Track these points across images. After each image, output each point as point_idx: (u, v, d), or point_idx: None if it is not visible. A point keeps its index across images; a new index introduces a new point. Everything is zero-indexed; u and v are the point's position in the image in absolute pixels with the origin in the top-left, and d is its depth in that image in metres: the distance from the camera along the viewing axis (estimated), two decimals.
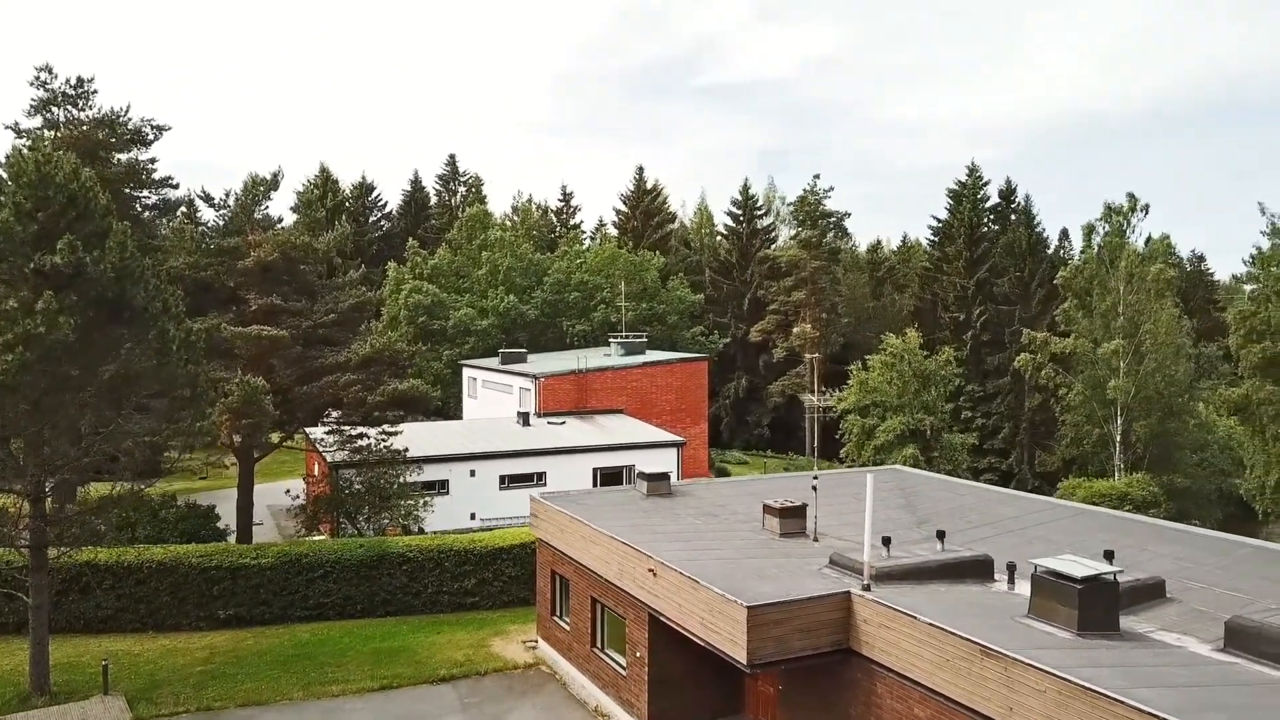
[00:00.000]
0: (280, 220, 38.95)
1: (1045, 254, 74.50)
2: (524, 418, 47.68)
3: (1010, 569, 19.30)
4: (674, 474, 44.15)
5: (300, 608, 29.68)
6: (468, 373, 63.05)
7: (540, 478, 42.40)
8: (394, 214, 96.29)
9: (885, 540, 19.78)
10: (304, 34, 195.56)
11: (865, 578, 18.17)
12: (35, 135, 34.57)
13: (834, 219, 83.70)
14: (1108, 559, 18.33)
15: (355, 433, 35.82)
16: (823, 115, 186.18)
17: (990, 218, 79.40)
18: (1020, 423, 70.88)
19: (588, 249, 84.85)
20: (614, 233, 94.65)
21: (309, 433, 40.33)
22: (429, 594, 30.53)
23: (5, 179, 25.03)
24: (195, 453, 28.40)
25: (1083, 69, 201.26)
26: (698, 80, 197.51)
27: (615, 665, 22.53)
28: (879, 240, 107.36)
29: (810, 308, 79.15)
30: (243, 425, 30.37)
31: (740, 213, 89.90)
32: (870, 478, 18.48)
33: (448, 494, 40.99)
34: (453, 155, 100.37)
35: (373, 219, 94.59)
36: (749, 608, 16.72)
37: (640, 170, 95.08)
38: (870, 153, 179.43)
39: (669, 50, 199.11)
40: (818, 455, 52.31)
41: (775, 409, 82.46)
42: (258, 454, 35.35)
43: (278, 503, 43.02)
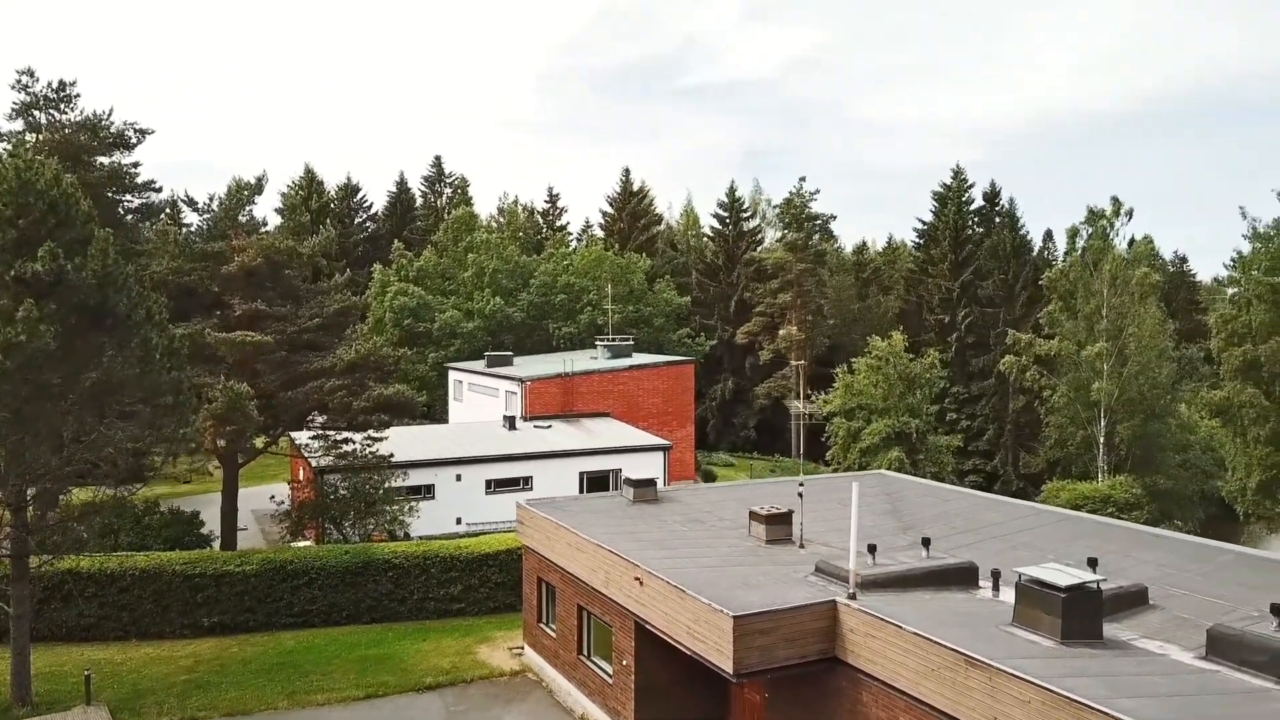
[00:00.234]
0: (265, 222, 38.77)
1: (1029, 257, 74.98)
2: (510, 421, 47.59)
3: (995, 576, 19.41)
4: (660, 478, 44.22)
5: (285, 615, 29.52)
6: (453, 375, 62.89)
7: (526, 482, 42.32)
8: (379, 215, 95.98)
9: (871, 548, 19.84)
10: (289, 34, 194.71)
11: (851, 586, 18.22)
12: (16, 140, 34.27)
13: (820, 221, 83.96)
14: (1091, 566, 18.43)
15: (340, 437, 35.69)
16: (808, 115, 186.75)
17: (975, 220, 79.81)
18: (1005, 424, 71.25)
19: (574, 250, 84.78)
20: (600, 234, 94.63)
21: (294, 437, 40.16)
22: (415, 600, 30.42)
23: None
24: (179, 459, 28.19)
25: (1067, 70, 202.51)
26: (683, 80, 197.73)
27: (602, 673, 22.52)
28: (864, 242, 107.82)
29: (796, 310, 79.33)
30: (227, 431, 30.20)
31: (726, 215, 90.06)
32: (855, 486, 18.53)
33: (434, 499, 40.85)
34: (438, 156, 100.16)
35: (358, 220, 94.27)
36: (735, 617, 16.74)
37: (626, 172, 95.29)
38: (855, 153, 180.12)
39: (654, 50, 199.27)
40: (803, 459, 52.41)
41: (761, 411, 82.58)
42: (242, 459, 35.18)
43: (262, 507, 42.79)
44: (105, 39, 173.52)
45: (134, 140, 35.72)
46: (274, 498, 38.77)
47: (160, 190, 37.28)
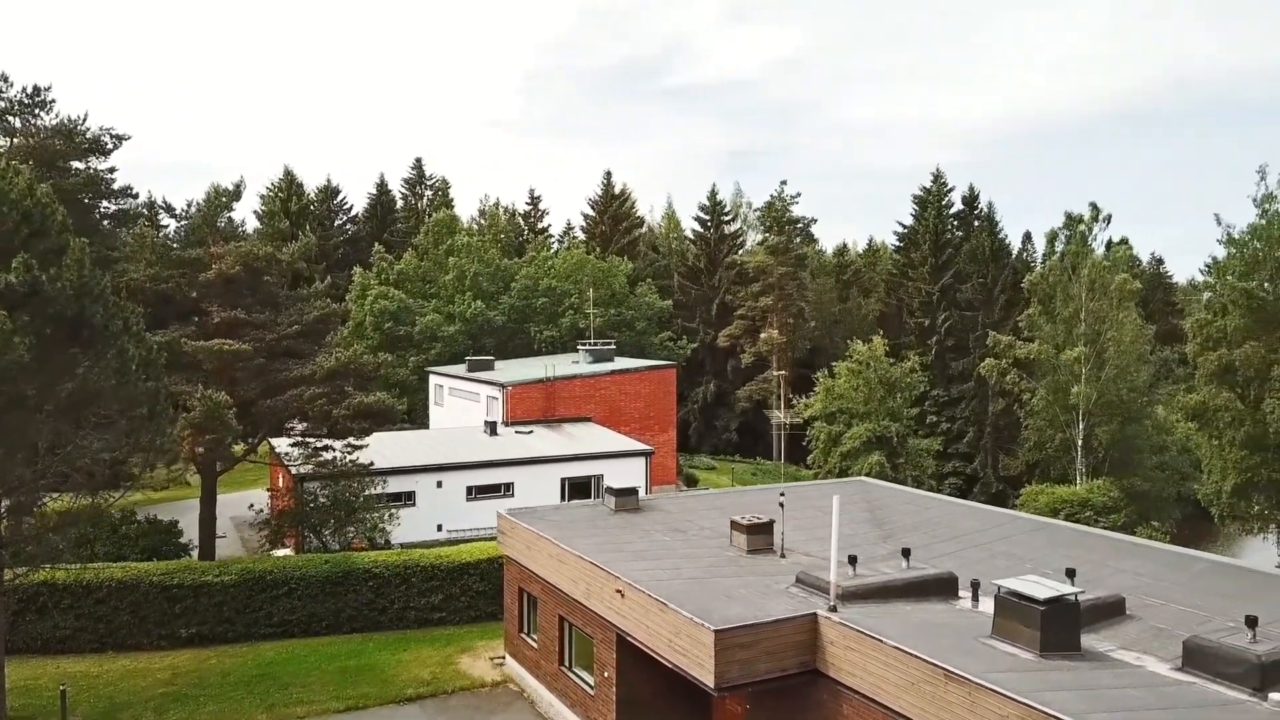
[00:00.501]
0: (243, 224, 38.49)
1: (1008, 260, 75.55)
2: (491, 427, 47.43)
3: (974, 586, 19.52)
4: (643, 483, 44.22)
5: (264, 625, 29.31)
6: (434, 380, 62.64)
7: (508, 489, 42.19)
8: (360, 217, 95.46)
9: (851, 559, 19.90)
10: (270, 34, 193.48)
11: (831, 598, 18.28)
12: None
13: (801, 225, 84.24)
14: (1069, 577, 18.56)
15: (321, 445, 35.45)
16: (790, 116, 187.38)
17: (954, 224, 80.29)
18: (984, 427, 71.75)
19: (555, 252, 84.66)
20: (582, 237, 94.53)
21: (273, 444, 39.85)
22: (395, 610, 30.27)
23: None
24: (156, 470, 27.91)
25: (1047, 71, 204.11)
26: (666, 81, 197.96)
27: (583, 684, 22.48)
28: (845, 244, 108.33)
29: (777, 313, 79.57)
30: (205, 440, 29.93)
31: (708, 218, 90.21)
32: (836, 500, 18.58)
33: (414, 505, 40.66)
34: (419, 159, 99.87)
35: (338, 223, 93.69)
36: (716, 631, 16.76)
37: (608, 175, 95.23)
38: (837, 153, 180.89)
39: (637, 50, 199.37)
40: (784, 462, 52.58)
41: (743, 414, 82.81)
42: (221, 467, 34.86)
43: (241, 514, 42.47)
44: (82, 42, 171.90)
45: (110, 146, 35.37)
46: (253, 506, 38.47)
47: (137, 196, 37.01)
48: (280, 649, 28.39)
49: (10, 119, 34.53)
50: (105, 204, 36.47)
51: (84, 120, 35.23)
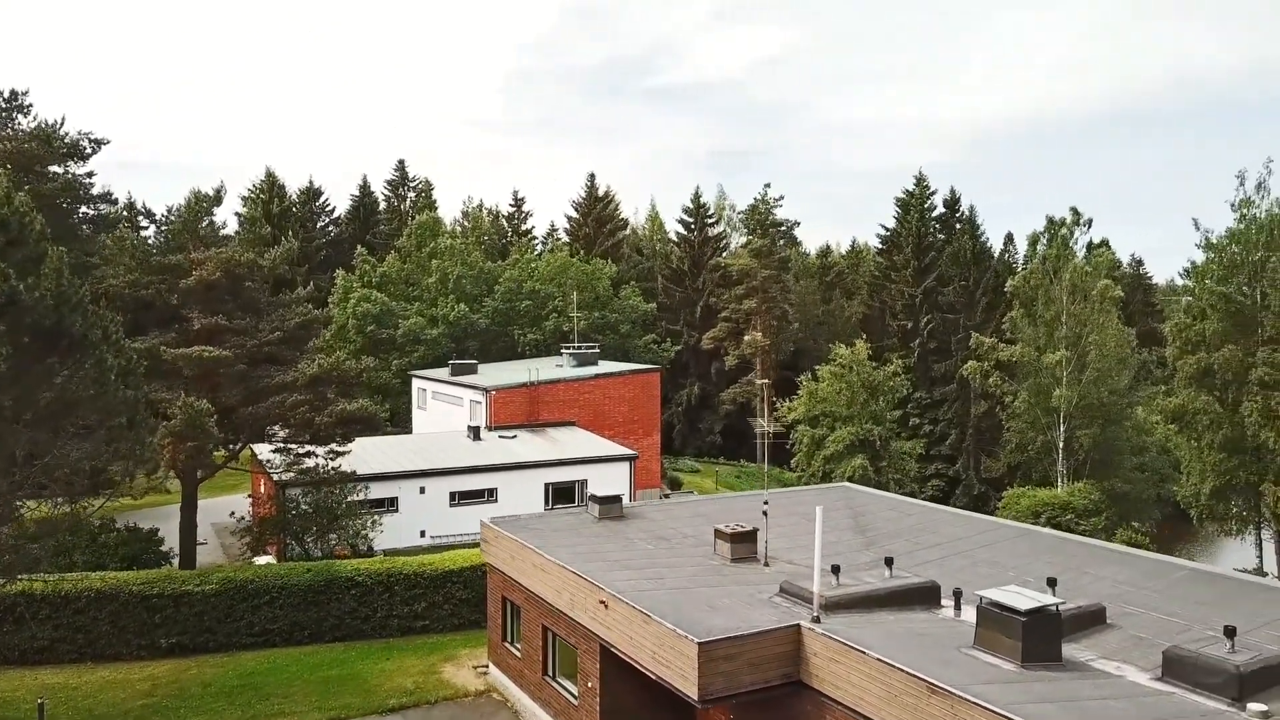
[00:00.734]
0: (224, 225, 38.17)
1: (989, 263, 75.91)
2: (474, 432, 47.28)
3: (956, 595, 19.61)
4: (627, 488, 44.20)
5: (246, 635, 29.08)
6: (417, 383, 62.40)
7: (491, 494, 42.10)
8: (342, 219, 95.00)
9: (835, 569, 19.95)
10: (253, 35, 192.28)
11: (815, 608, 18.32)
12: None
13: (784, 228, 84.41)
14: (1051, 587, 18.69)
15: (303, 451, 35.26)
16: (773, 117, 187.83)
17: (936, 227, 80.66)
18: (966, 429, 72.11)
19: (539, 254, 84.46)
20: (566, 239, 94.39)
21: (255, 450, 39.58)
22: (378, 618, 30.11)
23: None
24: (136, 479, 27.69)
25: (1030, 72, 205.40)
26: (651, 81, 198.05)
27: (567, 694, 22.45)
28: (828, 245, 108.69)
29: (761, 315, 79.71)
30: (186, 448, 29.70)
31: (692, 221, 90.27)
32: (819, 511, 18.63)
33: (397, 512, 40.51)
34: (402, 160, 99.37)
35: (320, 224, 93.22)
36: (700, 644, 16.76)
37: (592, 177, 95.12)
38: (820, 153, 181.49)
39: (621, 51, 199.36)
40: (768, 466, 52.59)
41: (727, 416, 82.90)
42: (201, 474, 34.63)
43: (222, 520, 42.14)
44: (61, 44, 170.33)
45: (88, 150, 35.02)
46: (234, 514, 38.19)
47: (116, 202, 36.65)
48: (262, 659, 28.19)
49: None
50: (84, 209, 36.14)
51: (61, 124, 34.96)
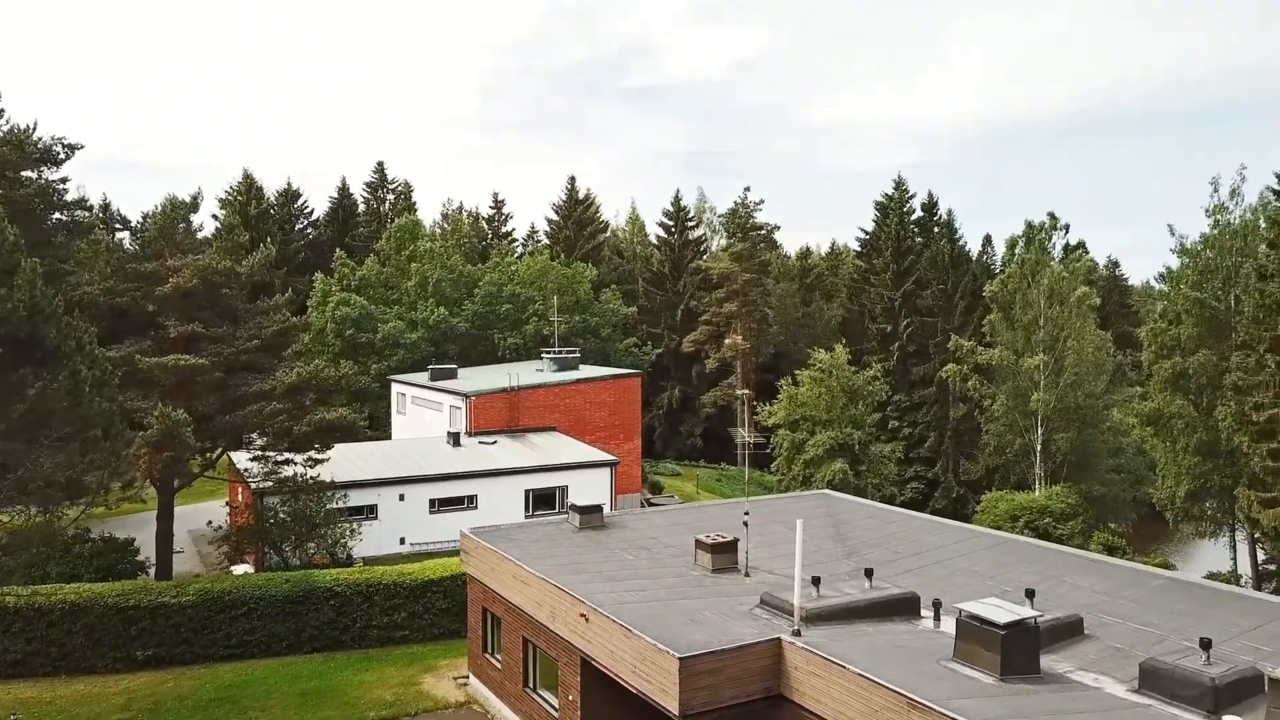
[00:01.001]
0: (201, 228, 37.79)
1: (967, 267, 76.32)
2: (454, 438, 47.06)
3: (936, 606, 19.73)
4: (608, 494, 44.15)
5: (223, 646, 28.82)
6: (396, 388, 62.05)
7: (471, 501, 41.94)
8: (321, 221, 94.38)
9: (815, 580, 20.02)
10: (230, 35, 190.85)
11: (796, 621, 18.36)
12: None
13: (764, 231, 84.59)
14: (1029, 598, 18.82)
15: (281, 459, 34.97)
16: (752, 117, 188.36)
17: (915, 230, 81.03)
18: (945, 432, 72.45)
19: (519, 257, 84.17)
20: (546, 242, 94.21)
21: (232, 458, 39.23)
22: (357, 629, 29.92)
23: None
24: (111, 491, 27.35)
25: (1011, 74, 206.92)
26: (629, 81, 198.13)
27: (548, 706, 22.38)
28: (808, 247, 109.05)
29: (742, 319, 79.82)
30: (162, 459, 29.38)
31: (672, 224, 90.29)
32: (800, 524, 18.67)
33: (377, 519, 40.26)
34: (381, 162, 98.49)
35: (299, 227, 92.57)
36: (681, 659, 16.75)
37: (572, 180, 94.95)
38: (798, 155, 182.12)
39: (600, 51, 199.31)
40: (749, 469, 52.69)
41: (708, 419, 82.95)
42: (178, 483, 34.27)
43: (199, 528, 41.79)
44: (37, 45, 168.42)
45: (62, 156, 34.60)
46: (211, 523, 37.87)
47: (91, 209, 36.21)
48: (239, 671, 27.94)
49: None
50: (57, 215, 35.70)
51: (34, 129, 34.50)
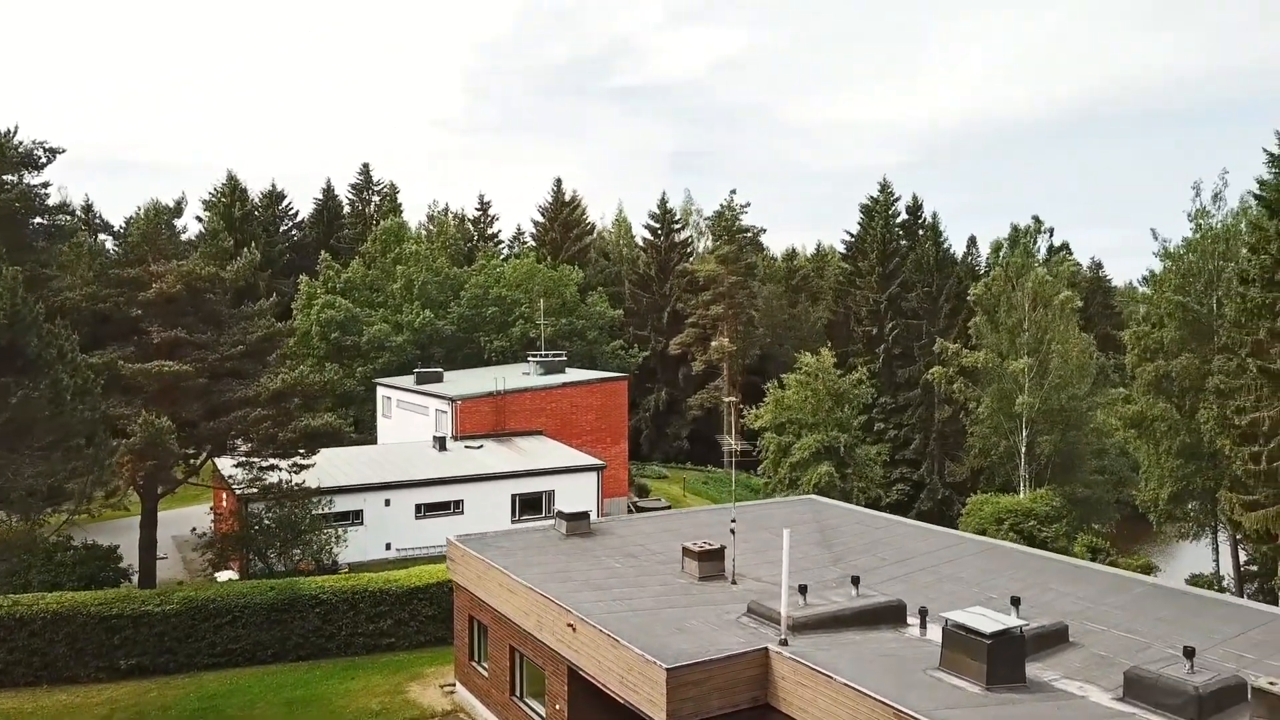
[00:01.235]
0: (184, 230, 37.52)
1: (952, 269, 76.65)
2: (440, 442, 46.91)
3: (922, 614, 19.79)
4: (594, 498, 44.11)
5: (207, 655, 28.62)
6: (382, 391, 61.82)
7: (457, 506, 41.80)
8: (305, 223, 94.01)
9: (802, 588, 20.05)
10: (213, 36, 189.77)
11: (783, 630, 18.39)
12: None
13: (750, 234, 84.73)
14: (1015, 606, 18.89)
15: (266, 464, 34.77)
16: (737, 117, 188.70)
17: (900, 233, 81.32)
18: (930, 434, 72.76)
19: (505, 259, 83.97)
20: (533, 244, 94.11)
21: (216, 463, 38.96)
22: (343, 637, 29.76)
23: None
24: (94, 500, 27.15)
25: (991, 74, 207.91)
26: (613, 81, 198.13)
27: (535, 715, 22.34)
28: (793, 249, 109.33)
29: (728, 321, 79.94)
30: (146, 466, 29.16)
31: (658, 226, 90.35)
32: (787, 534, 18.69)
33: (362, 524, 40.11)
34: (366, 164, 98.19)
35: (283, 229, 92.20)
36: (668, 670, 16.74)
37: (559, 182, 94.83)
38: (784, 155, 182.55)
39: (583, 51, 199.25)
40: (735, 470, 52.75)
41: (694, 421, 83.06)
42: (161, 490, 34.03)
43: (183, 533, 41.48)
44: (15, 44, 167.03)
45: (43, 160, 34.26)
46: (195, 529, 37.60)
47: (73, 214, 35.90)
48: (224, 680, 27.77)
49: None
50: (38, 220, 35.36)
51: (15, 133, 34.16)
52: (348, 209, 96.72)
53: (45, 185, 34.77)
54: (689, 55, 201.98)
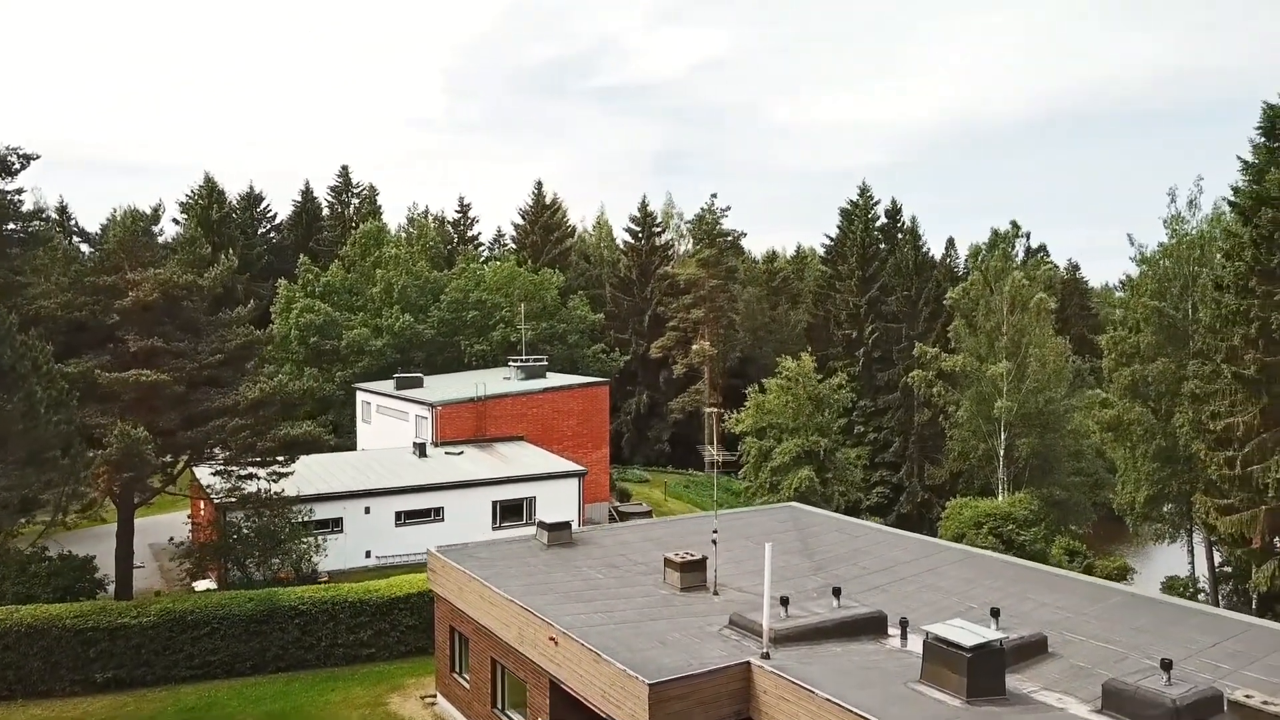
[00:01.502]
0: (161, 232, 37.18)
1: (931, 273, 77.04)
2: (420, 449, 46.69)
3: (903, 625, 19.92)
4: (576, 505, 44.05)
5: (185, 667, 28.33)
6: (362, 396, 61.47)
7: (438, 513, 41.62)
8: (284, 225, 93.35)
9: (784, 600, 20.10)
10: (192, 37, 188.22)
11: (764, 643, 18.43)
12: None
13: (730, 238, 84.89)
14: (994, 617, 19.02)
15: (245, 473, 34.48)
16: (718, 118, 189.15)
17: (879, 236, 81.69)
18: (910, 437, 73.08)
19: (485, 261, 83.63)
20: (512, 246, 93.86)
21: (194, 472, 38.62)
22: (323, 648, 29.55)
23: None
24: (69, 512, 26.87)
25: (974, 75, 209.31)
26: (595, 81, 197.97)
27: None
28: (774, 251, 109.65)
29: (709, 325, 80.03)
30: (122, 478, 28.85)
31: (639, 229, 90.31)
32: (769, 547, 18.74)
33: (342, 532, 39.86)
34: (345, 166, 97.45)
35: (261, 231, 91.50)
36: (651, 685, 16.73)
37: (539, 185, 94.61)
38: (765, 155, 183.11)
39: (565, 51, 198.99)
40: (718, 475, 52.72)
41: (675, 424, 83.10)
42: (138, 499, 33.71)
43: (161, 541, 41.11)
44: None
45: (16, 166, 33.83)
46: (173, 539, 37.24)
47: (48, 220, 35.47)
48: (202, 692, 27.52)
49: None
50: (11, 226, 34.90)
51: None
52: (327, 211, 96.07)
53: (19, 191, 34.36)
54: (671, 55, 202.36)
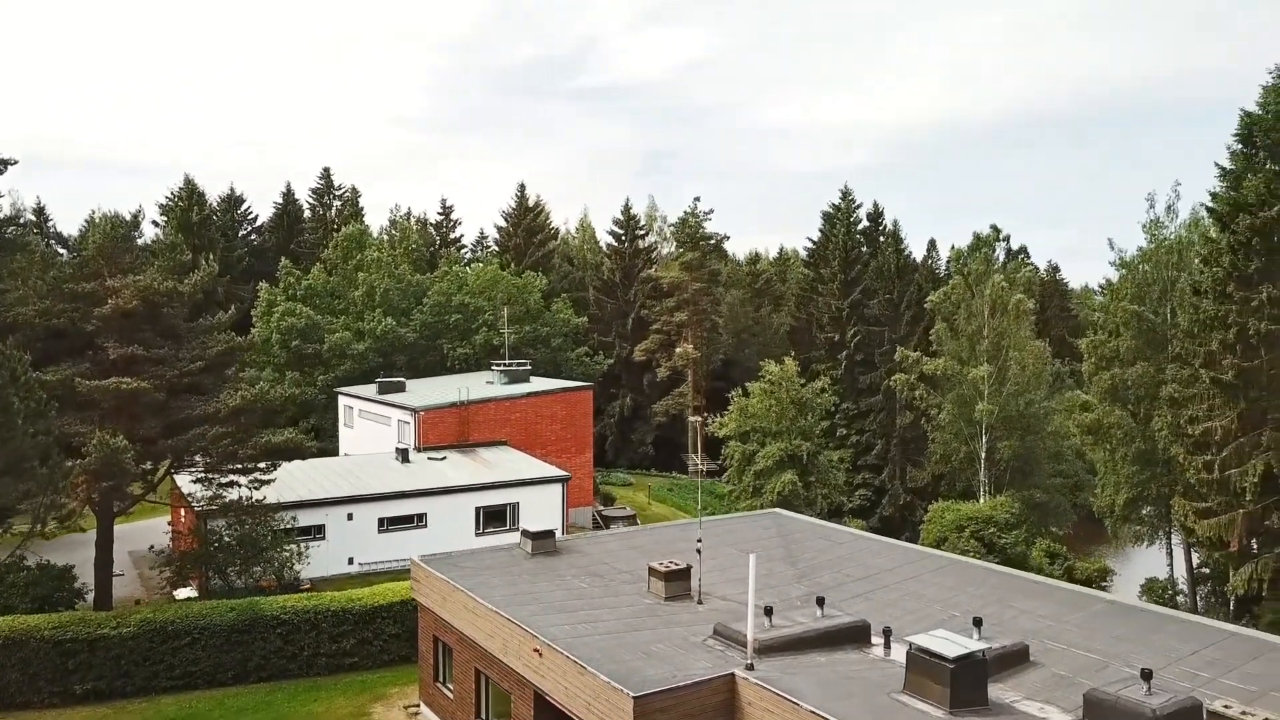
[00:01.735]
0: (140, 236, 36.89)
1: (913, 276, 77.44)
2: (403, 454, 46.52)
3: (886, 634, 20.02)
4: (560, 510, 44.00)
5: (166, 678, 28.11)
6: (344, 400, 61.17)
7: (421, 519, 41.48)
8: (265, 228, 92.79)
9: (768, 610, 20.15)
10: (168, 35, 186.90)
11: (749, 654, 18.47)
12: None
13: (713, 241, 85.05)
14: (977, 626, 19.15)
15: (226, 480, 34.25)
16: (701, 118, 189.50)
17: (861, 239, 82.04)
18: (892, 439, 73.43)
19: (468, 263, 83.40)
20: (495, 248, 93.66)
21: (175, 479, 38.34)
22: (305, 657, 29.39)
23: None
24: (48, 524, 26.58)
25: (956, 76, 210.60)
26: (578, 81, 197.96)
27: None
28: (756, 252, 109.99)
29: (692, 328, 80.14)
30: (102, 487, 28.58)
31: (623, 232, 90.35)
32: (753, 559, 18.79)
33: (324, 539, 39.67)
34: (327, 168, 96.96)
35: (242, 234, 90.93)
36: (635, 698, 16.75)
37: (522, 187, 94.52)
38: (748, 156, 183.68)
39: (549, 51, 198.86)
40: (701, 482, 52.69)
41: (659, 427, 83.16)
42: (118, 508, 33.40)
43: (141, 549, 40.80)
44: None
45: None
46: (153, 548, 36.94)
47: (25, 225, 35.12)
48: (183, 703, 27.32)
49: None
50: None
51: None
52: (308, 213, 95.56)
53: None
54: (655, 56, 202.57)
